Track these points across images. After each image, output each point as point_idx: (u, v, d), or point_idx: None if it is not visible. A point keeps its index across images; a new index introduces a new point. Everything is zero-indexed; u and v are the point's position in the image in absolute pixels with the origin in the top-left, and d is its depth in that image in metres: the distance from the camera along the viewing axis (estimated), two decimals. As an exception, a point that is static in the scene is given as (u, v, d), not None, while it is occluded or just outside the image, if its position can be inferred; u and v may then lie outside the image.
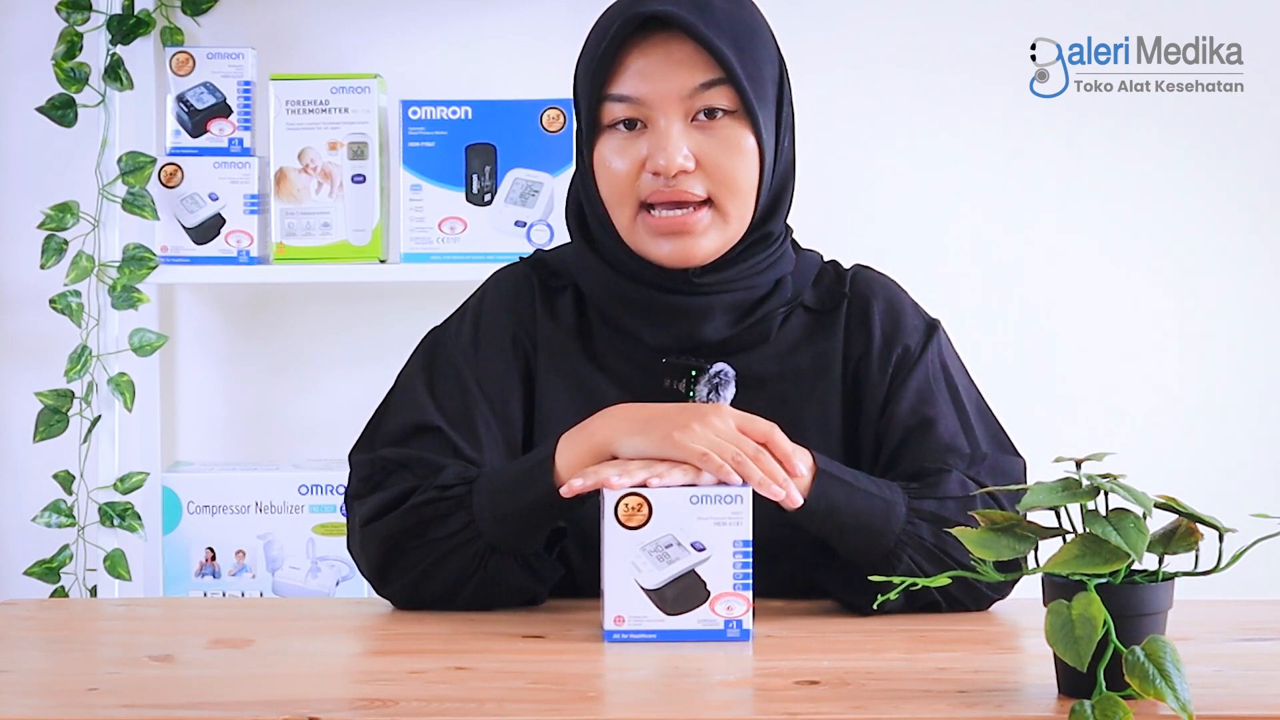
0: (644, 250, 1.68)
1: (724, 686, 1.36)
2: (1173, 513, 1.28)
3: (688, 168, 1.64)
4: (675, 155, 1.63)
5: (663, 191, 1.64)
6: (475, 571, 1.60)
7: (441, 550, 1.59)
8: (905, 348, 1.72)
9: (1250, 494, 2.75)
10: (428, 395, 1.69)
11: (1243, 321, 2.80)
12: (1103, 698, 1.20)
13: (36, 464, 2.72)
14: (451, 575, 1.60)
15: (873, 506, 1.58)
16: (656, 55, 1.64)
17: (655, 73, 1.64)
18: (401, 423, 1.68)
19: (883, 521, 1.58)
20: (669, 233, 1.65)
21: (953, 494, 1.60)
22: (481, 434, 1.67)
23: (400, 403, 1.70)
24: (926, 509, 1.59)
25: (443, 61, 2.77)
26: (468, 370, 1.70)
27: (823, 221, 2.18)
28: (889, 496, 1.59)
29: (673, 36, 1.64)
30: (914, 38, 2.78)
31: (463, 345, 1.72)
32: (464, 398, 1.69)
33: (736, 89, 1.64)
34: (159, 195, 2.61)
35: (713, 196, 1.65)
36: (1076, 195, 2.79)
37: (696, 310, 1.68)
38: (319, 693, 1.33)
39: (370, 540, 1.61)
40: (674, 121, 1.64)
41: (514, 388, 1.71)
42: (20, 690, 1.37)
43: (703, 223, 1.65)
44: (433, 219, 2.58)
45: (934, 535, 1.58)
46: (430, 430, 1.66)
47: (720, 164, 1.65)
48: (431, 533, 1.59)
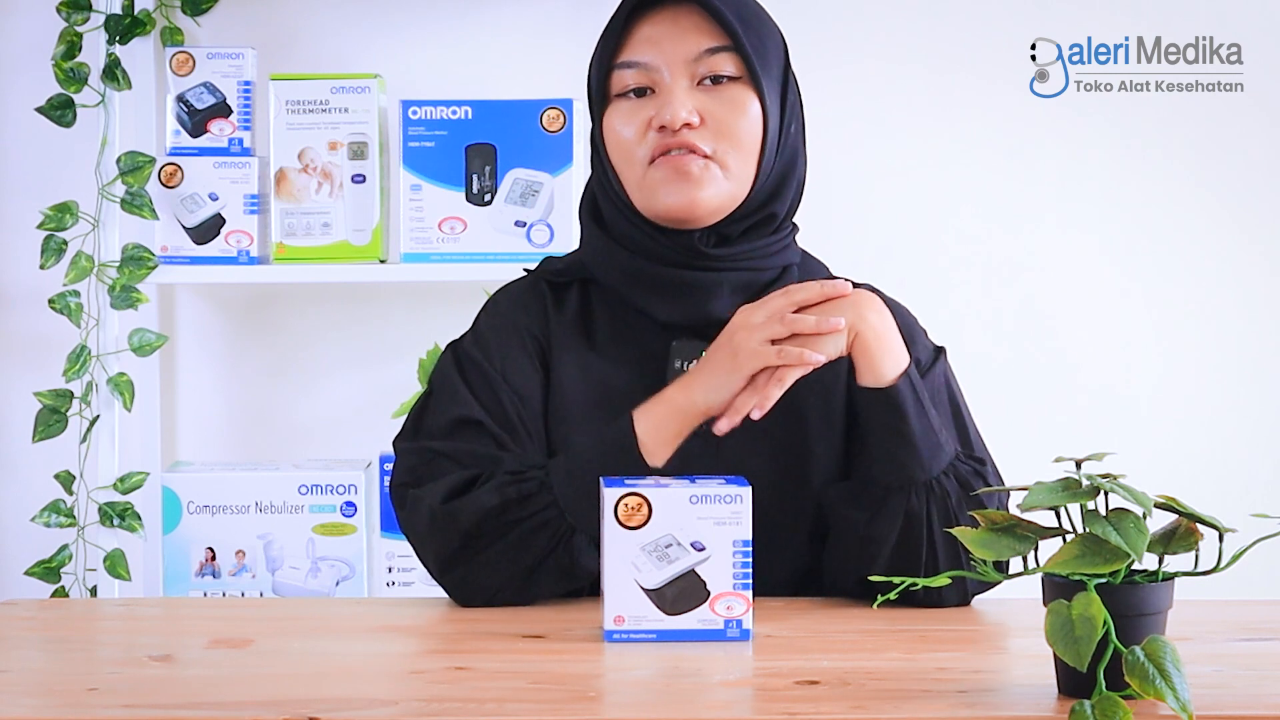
0: (651, 205, 1.72)
1: (724, 686, 1.36)
2: (1173, 513, 1.28)
3: (692, 121, 1.69)
4: (680, 110, 1.69)
5: (669, 143, 1.70)
6: (552, 552, 1.62)
7: (525, 530, 1.62)
8: (916, 360, 1.73)
9: (1250, 494, 2.76)
10: (466, 391, 1.72)
11: (1243, 321, 2.80)
12: (1103, 698, 1.20)
13: (36, 464, 2.72)
14: (531, 557, 1.62)
15: (928, 437, 1.64)
16: (664, 23, 1.71)
17: (663, 39, 1.71)
18: (446, 417, 1.71)
19: (928, 455, 1.63)
20: (674, 174, 1.69)
21: (989, 479, 1.67)
22: (518, 426, 1.71)
23: (441, 399, 1.73)
24: (965, 475, 1.65)
25: (443, 61, 2.77)
26: (492, 368, 1.73)
27: (823, 221, 2.18)
28: (943, 442, 1.65)
29: (680, 6, 1.71)
30: (914, 38, 2.78)
31: (483, 348, 1.75)
32: (495, 392, 1.72)
33: (741, 56, 1.70)
34: (159, 195, 2.61)
35: (717, 153, 1.70)
36: (1076, 195, 2.79)
37: (705, 285, 1.72)
38: (319, 693, 1.33)
39: (447, 521, 1.63)
40: (680, 81, 1.70)
41: (535, 380, 1.74)
42: (20, 690, 1.37)
43: (707, 171, 1.70)
44: (433, 219, 2.58)
45: (958, 499, 1.63)
46: (473, 424, 1.69)
47: (724, 120, 1.70)
48: (513, 513, 1.62)
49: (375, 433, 2.67)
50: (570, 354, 1.75)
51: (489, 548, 1.63)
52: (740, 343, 1.64)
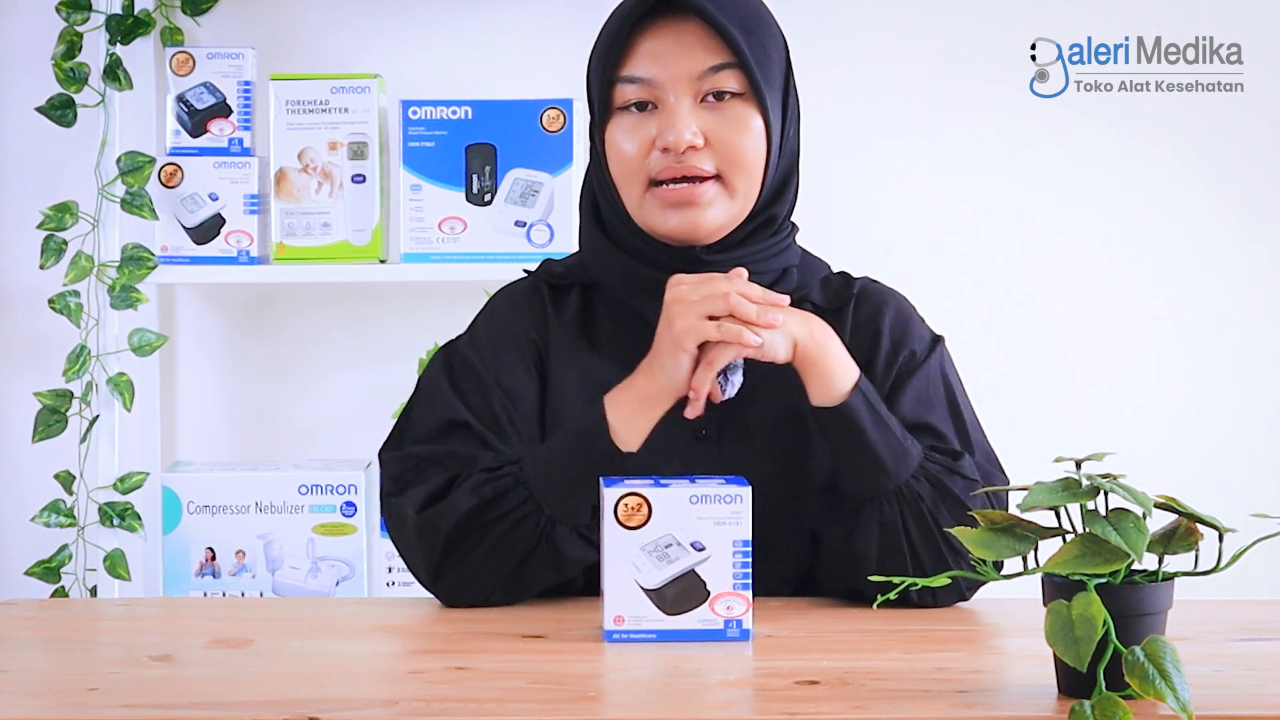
0: (651, 225, 1.71)
1: (724, 686, 1.36)
2: (1173, 513, 1.28)
3: (696, 144, 1.67)
4: (684, 132, 1.66)
5: (672, 168, 1.68)
6: (537, 546, 1.61)
7: (505, 526, 1.61)
8: (911, 352, 1.73)
9: (1250, 494, 2.76)
10: (452, 394, 1.71)
11: (1242, 321, 2.80)
12: (1103, 698, 1.20)
13: (36, 464, 2.72)
14: (516, 554, 1.61)
15: (890, 443, 1.61)
16: (668, 38, 1.68)
17: (666, 55, 1.68)
18: (431, 421, 1.70)
19: (894, 461, 1.61)
20: (676, 204, 1.68)
21: (964, 472, 1.64)
22: (507, 428, 1.70)
23: (425, 404, 1.72)
24: (935, 473, 1.62)
25: (443, 61, 2.77)
26: (485, 371, 1.72)
27: (823, 221, 2.18)
28: (909, 446, 1.63)
29: (684, 20, 1.68)
30: (914, 38, 2.78)
31: (478, 349, 1.74)
32: (486, 395, 1.71)
33: (745, 72, 1.68)
34: (159, 195, 2.61)
35: (721, 173, 1.69)
36: (1076, 195, 2.79)
37: None
38: (319, 693, 1.33)
39: (427, 529, 1.62)
40: (683, 100, 1.68)
41: (530, 384, 1.73)
42: (20, 690, 1.37)
43: (709, 195, 1.69)
44: (433, 219, 2.58)
45: (932, 500, 1.61)
46: (459, 426, 1.68)
47: (728, 141, 1.68)
48: (491, 511, 1.61)
49: (375, 433, 2.65)
50: (570, 357, 1.74)
51: (473, 551, 1.62)
52: (675, 316, 1.61)
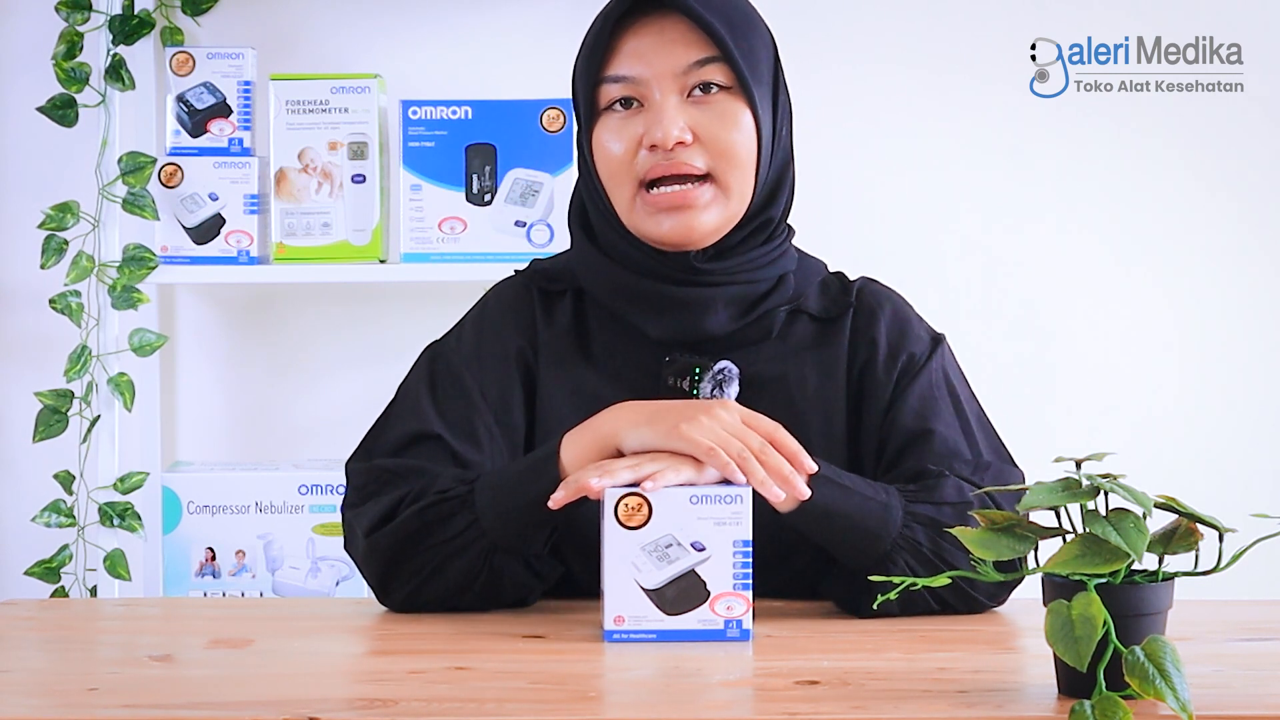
0: (644, 230, 1.68)
1: (724, 686, 1.36)
2: (1173, 513, 1.28)
3: (685, 139, 1.64)
4: (671, 128, 1.63)
5: (662, 165, 1.65)
6: (480, 572, 1.59)
7: (446, 553, 1.59)
8: (910, 355, 1.71)
9: (1250, 494, 2.75)
10: (430, 404, 1.68)
11: (1242, 321, 2.80)
12: (1103, 698, 1.20)
13: (36, 464, 2.72)
14: (457, 578, 1.59)
15: (869, 510, 1.56)
16: (650, 36, 1.66)
17: (650, 52, 1.65)
18: (401, 432, 1.67)
19: (879, 525, 1.56)
20: (669, 208, 1.65)
21: (949, 499, 1.59)
22: (484, 441, 1.67)
23: (400, 413, 1.70)
24: (923, 513, 1.58)
25: (443, 61, 2.77)
26: (469, 379, 1.70)
27: (822, 221, 2.18)
28: (886, 500, 1.58)
29: (666, 17, 1.66)
30: (914, 38, 2.78)
31: (464, 355, 1.72)
32: (466, 405, 1.68)
33: (731, 65, 1.65)
34: (159, 195, 2.61)
35: (712, 170, 1.66)
36: (1076, 195, 2.79)
37: (699, 302, 1.68)
38: (319, 693, 1.33)
39: (373, 551, 1.60)
40: (669, 96, 1.65)
41: (516, 395, 1.70)
42: (20, 690, 1.37)
43: (704, 198, 1.66)
44: (433, 219, 2.58)
45: (930, 540, 1.57)
46: (430, 438, 1.66)
47: (718, 135, 1.65)
48: (435, 536, 1.58)
49: (375, 433, 2.67)
50: (561, 368, 1.71)
51: (417, 574, 1.59)
52: (707, 421, 1.52)
